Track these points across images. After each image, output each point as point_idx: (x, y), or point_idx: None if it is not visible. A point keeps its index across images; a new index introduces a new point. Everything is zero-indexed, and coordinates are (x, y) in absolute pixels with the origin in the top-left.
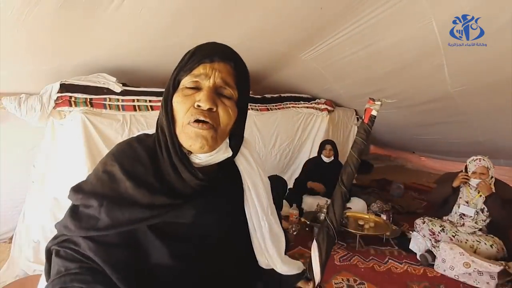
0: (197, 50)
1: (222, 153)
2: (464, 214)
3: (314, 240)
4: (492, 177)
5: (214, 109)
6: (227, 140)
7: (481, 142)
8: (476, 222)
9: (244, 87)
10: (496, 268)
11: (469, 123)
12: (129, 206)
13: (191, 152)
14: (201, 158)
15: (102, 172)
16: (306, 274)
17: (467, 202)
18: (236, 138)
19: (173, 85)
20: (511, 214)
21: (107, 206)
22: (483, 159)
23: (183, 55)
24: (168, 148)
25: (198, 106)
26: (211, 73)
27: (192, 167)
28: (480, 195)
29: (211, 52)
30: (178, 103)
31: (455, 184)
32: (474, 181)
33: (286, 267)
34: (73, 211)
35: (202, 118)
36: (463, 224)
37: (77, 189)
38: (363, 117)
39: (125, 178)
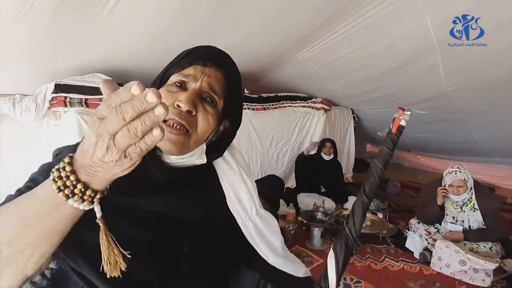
0: (193, 51)
1: (195, 158)
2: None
3: (331, 250)
4: (471, 188)
5: (194, 113)
6: (204, 147)
7: (476, 140)
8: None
9: (233, 97)
10: (491, 266)
11: (465, 122)
12: None
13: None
14: (172, 159)
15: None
16: (321, 284)
17: (453, 218)
18: (218, 148)
19: (161, 79)
20: (495, 226)
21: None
22: (459, 171)
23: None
24: None
25: (178, 106)
26: (200, 76)
27: (161, 165)
28: (464, 211)
29: (206, 56)
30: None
31: (439, 202)
32: (453, 197)
33: (280, 259)
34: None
35: (177, 118)
36: None
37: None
38: (390, 127)
39: None
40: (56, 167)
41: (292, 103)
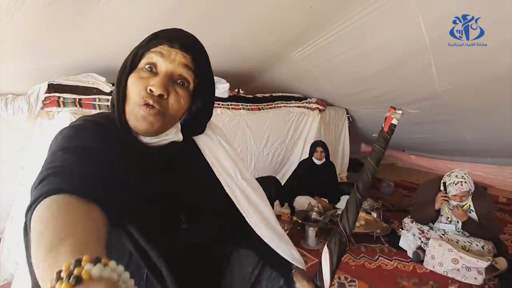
0: (159, 33)
1: (172, 136)
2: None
3: (326, 246)
4: (471, 193)
5: (165, 96)
6: (178, 125)
7: (469, 141)
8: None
9: (203, 77)
10: (483, 264)
11: (457, 122)
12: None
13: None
14: (147, 139)
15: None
16: (315, 280)
17: (447, 219)
18: (194, 126)
19: (131, 63)
20: (489, 226)
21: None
22: (465, 181)
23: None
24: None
25: (150, 90)
26: (169, 58)
27: (139, 144)
28: None
29: (172, 38)
30: (133, 84)
31: (437, 206)
32: (455, 203)
33: (273, 234)
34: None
35: (150, 102)
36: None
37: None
38: (382, 125)
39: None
40: None
41: (287, 103)
